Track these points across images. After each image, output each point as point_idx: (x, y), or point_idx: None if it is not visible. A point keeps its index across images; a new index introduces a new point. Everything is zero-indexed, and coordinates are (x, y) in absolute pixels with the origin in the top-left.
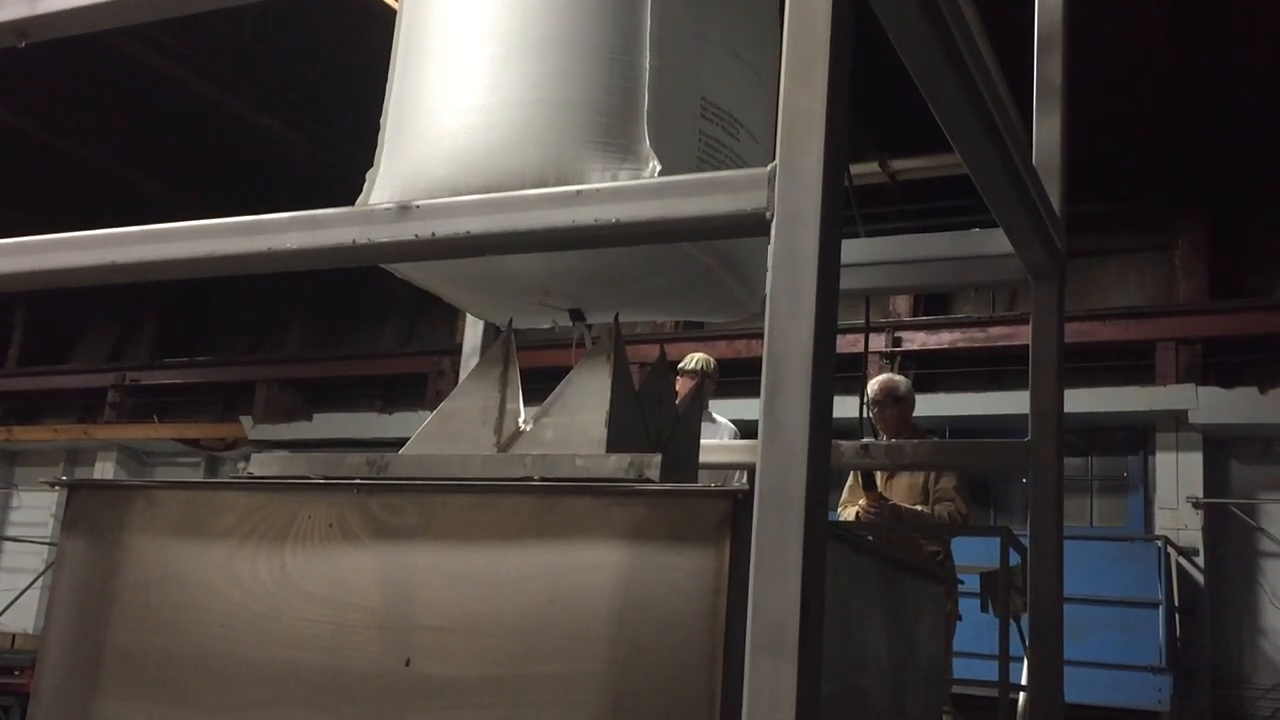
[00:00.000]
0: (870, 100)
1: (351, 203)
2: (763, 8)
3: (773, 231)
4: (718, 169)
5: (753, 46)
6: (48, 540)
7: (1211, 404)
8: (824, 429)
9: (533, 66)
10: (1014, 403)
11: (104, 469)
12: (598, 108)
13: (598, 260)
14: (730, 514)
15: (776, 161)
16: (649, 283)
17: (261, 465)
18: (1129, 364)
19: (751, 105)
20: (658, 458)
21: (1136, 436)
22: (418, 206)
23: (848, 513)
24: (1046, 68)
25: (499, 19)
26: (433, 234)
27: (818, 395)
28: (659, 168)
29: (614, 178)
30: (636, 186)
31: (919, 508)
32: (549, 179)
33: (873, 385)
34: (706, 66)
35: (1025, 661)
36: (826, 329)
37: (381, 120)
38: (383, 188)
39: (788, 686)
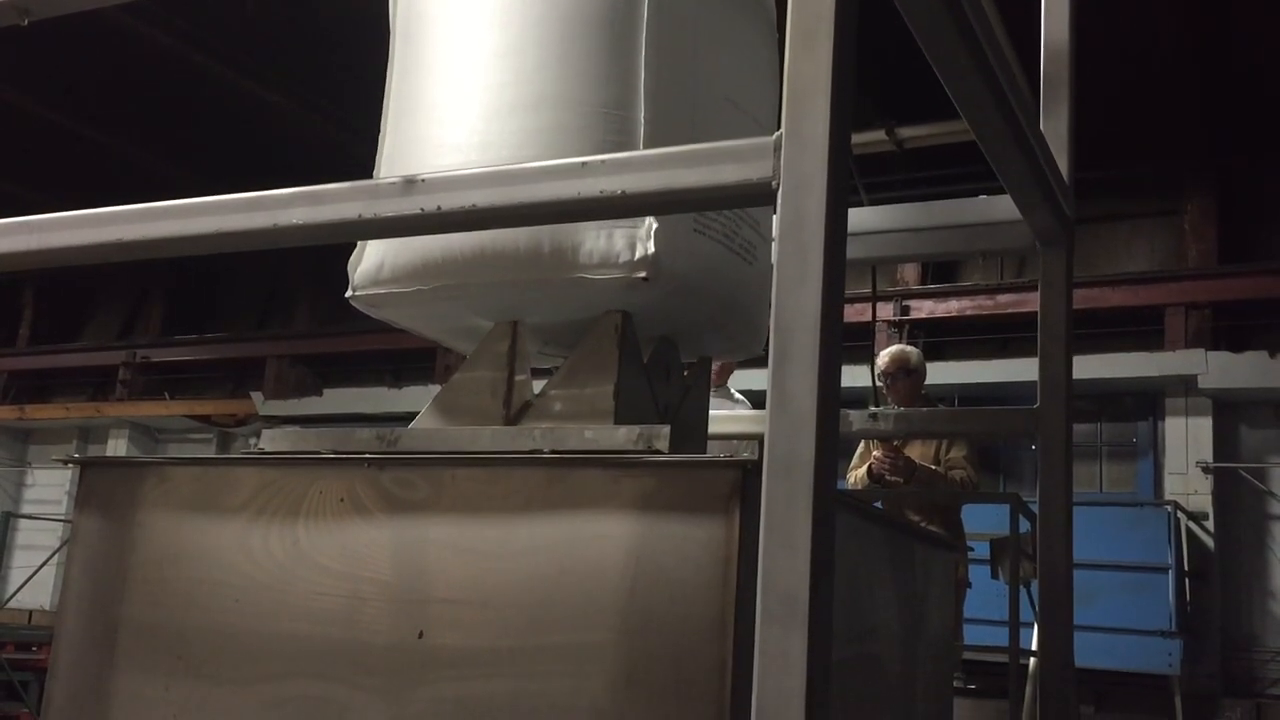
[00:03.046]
0: (876, 67)
1: (360, 179)
2: (759, 53)
3: (779, 200)
4: (715, 220)
5: (750, 91)
6: (62, 517)
7: (1221, 368)
8: (832, 397)
9: (526, 122)
10: (1023, 370)
11: (116, 446)
12: None
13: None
14: (739, 483)
15: (782, 130)
16: (651, 330)
17: (272, 441)
18: (1138, 329)
19: None
20: (666, 429)
21: (1146, 402)
22: (423, 180)
23: (859, 472)
24: (1054, 33)
25: (492, 72)
26: (438, 207)
27: (826, 363)
28: (655, 225)
29: (609, 236)
30: (641, 157)
31: (932, 467)
32: (542, 238)
33: (883, 357)
34: (702, 117)
35: (1035, 627)
36: (834, 297)
37: (374, 169)
38: (375, 243)
39: (798, 655)
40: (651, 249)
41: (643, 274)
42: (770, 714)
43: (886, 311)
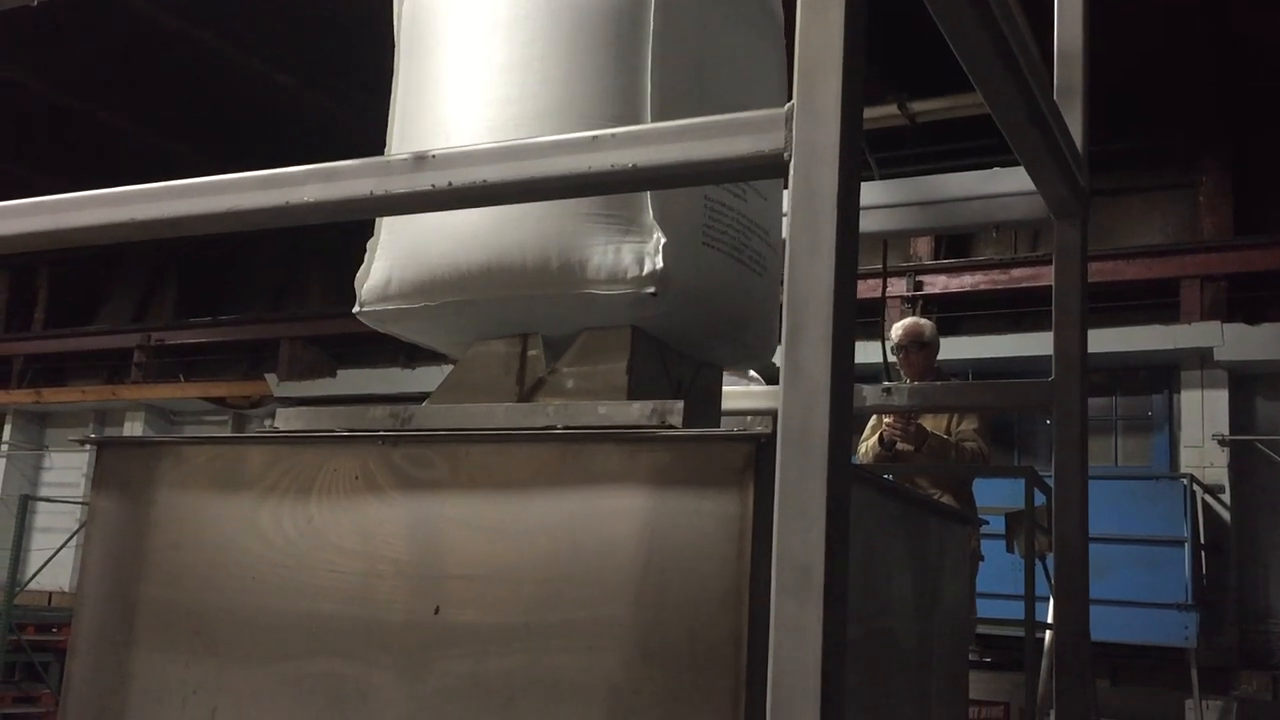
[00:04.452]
0: (887, 40)
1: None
2: (768, 65)
3: (791, 172)
4: (724, 233)
5: (759, 103)
6: (80, 500)
7: (1237, 340)
8: (846, 370)
9: (532, 136)
10: (1037, 344)
11: (132, 429)
12: None
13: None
14: (753, 458)
15: (794, 101)
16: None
17: (287, 420)
18: (1153, 302)
19: None
20: (680, 404)
21: (1161, 375)
22: (434, 156)
23: (870, 442)
24: (1068, 3)
25: (497, 87)
26: (450, 183)
27: (839, 336)
28: (664, 240)
29: (618, 249)
30: (652, 130)
31: (944, 436)
32: (550, 253)
33: (897, 329)
34: None
35: (1051, 600)
36: (847, 269)
37: None
38: (383, 260)
39: (814, 628)
40: (660, 264)
41: (651, 289)
42: (786, 686)
43: (900, 287)
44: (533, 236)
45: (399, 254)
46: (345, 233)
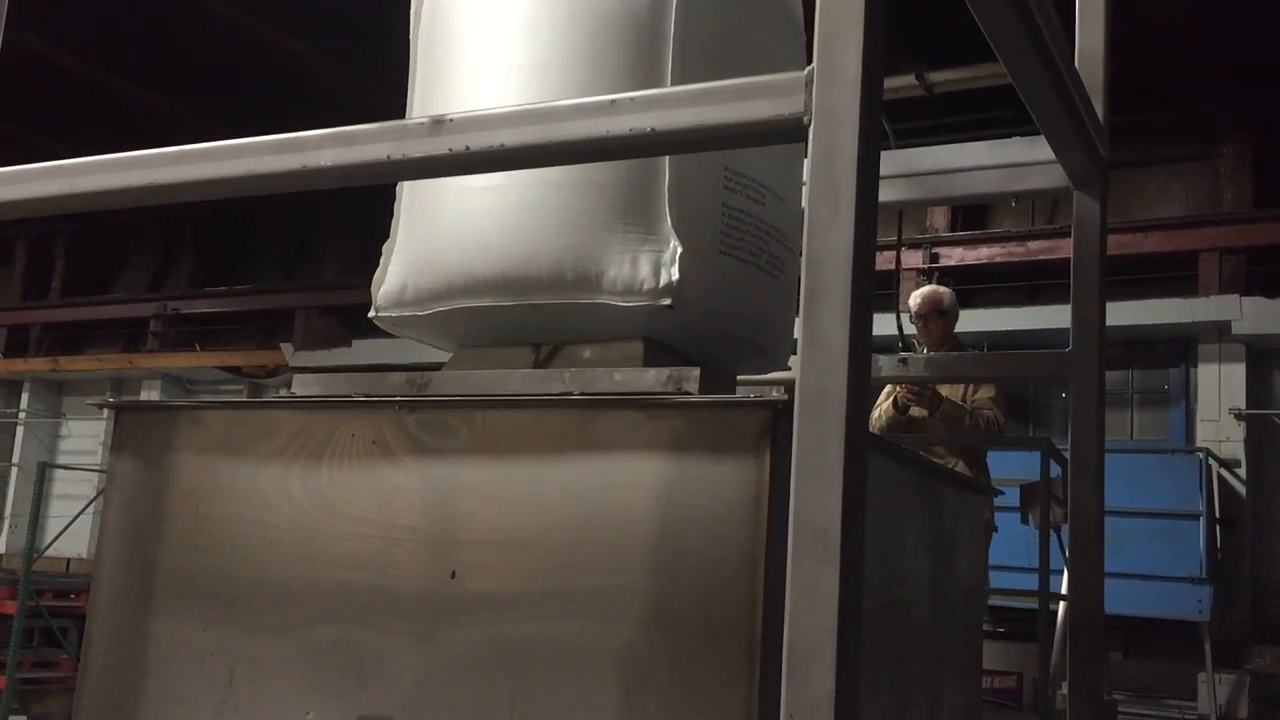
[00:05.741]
0: (906, 10)
1: None
2: (789, 69)
3: (810, 136)
4: (742, 240)
5: None
6: (97, 467)
7: (1255, 314)
8: (864, 335)
9: None
10: (1054, 317)
11: (149, 397)
12: (617, 188)
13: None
14: (770, 424)
15: (814, 64)
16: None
17: (304, 385)
18: (1171, 275)
19: (776, 164)
20: (696, 371)
21: (1178, 348)
22: (451, 120)
23: (884, 406)
24: None
25: (516, 88)
26: (467, 147)
27: (858, 301)
28: (680, 249)
29: (634, 260)
30: (671, 94)
31: (959, 402)
32: (566, 263)
33: (916, 297)
34: None
35: (1065, 572)
36: (866, 234)
37: (397, 189)
38: (398, 265)
39: (830, 592)
40: (676, 275)
41: (667, 301)
42: (802, 650)
43: (916, 259)
44: (548, 246)
45: (414, 260)
46: (361, 203)
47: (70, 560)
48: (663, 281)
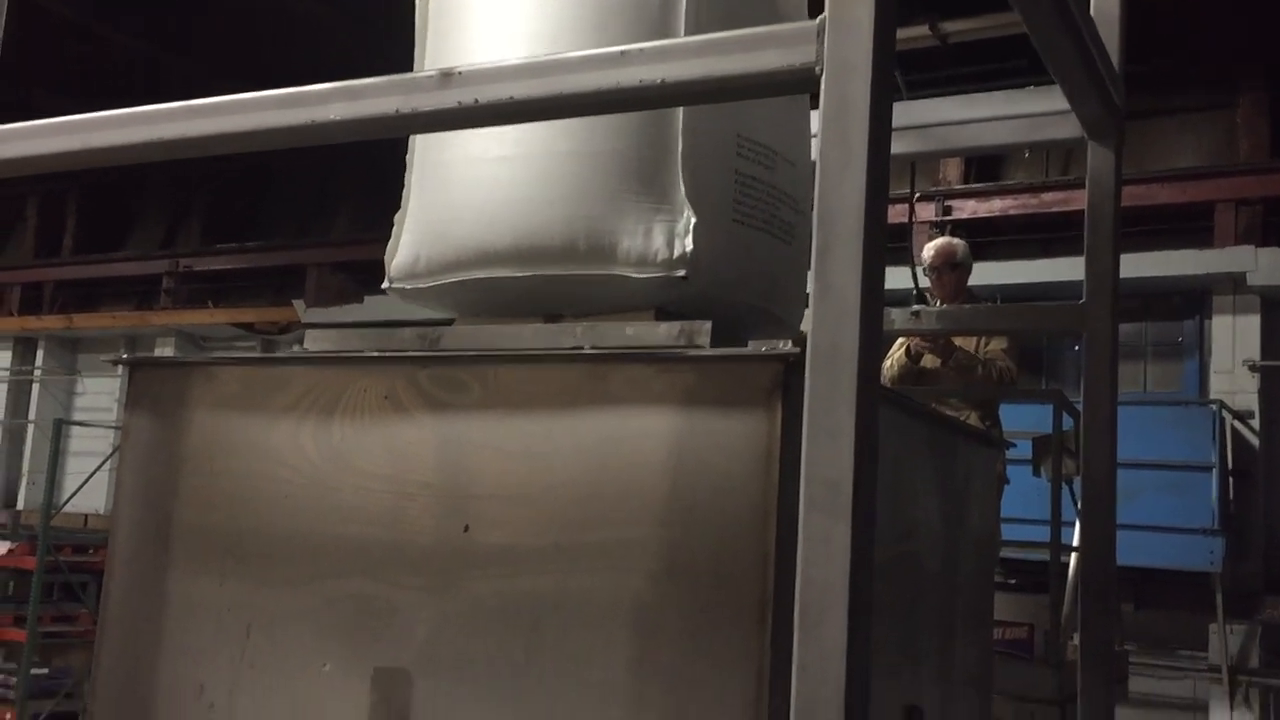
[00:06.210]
0: None
1: None
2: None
3: (822, 87)
4: (755, 207)
5: None
6: (113, 424)
7: (1271, 265)
8: (876, 287)
9: None
10: (1068, 270)
11: (163, 354)
12: (630, 157)
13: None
14: (781, 377)
15: (826, 14)
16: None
17: (316, 341)
18: (1186, 226)
19: (786, 129)
20: (708, 324)
21: (1193, 300)
22: (460, 73)
23: (896, 356)
24: None
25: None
26: (476, 100)
27: (870, 253)
28: (694, 218)
29: (647, 230)
30: (681, 45)
31: (971, 352)
32: (579, 234)
33: (928, 250)
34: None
35: (1076, 524)
36: (878, 184)
37: (407, 159)
38: (410, 236)
39: (842, 543)
40: (690, 246)
41: (681, 272)
42: (814, 601)
43: (928, 212)
44: (560, 216)
45: (426, 232)
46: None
47: (88, 516)
48: (677, 252)
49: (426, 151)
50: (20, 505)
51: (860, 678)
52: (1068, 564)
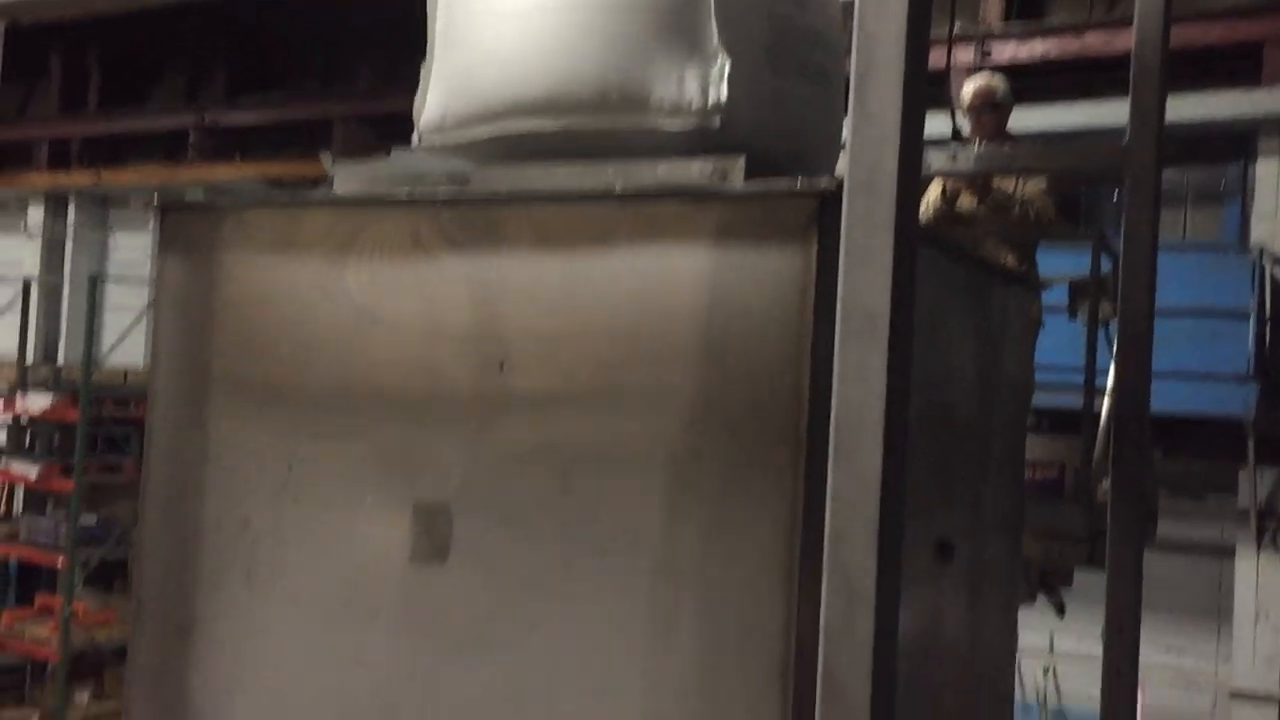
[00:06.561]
0: None
1: None
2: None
3: None
4: (790, 51)
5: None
6: (147, 279)
7: None
8: (916, 114)
9: None
10: (1111, 113)
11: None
12: (662, 4)
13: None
14: (816, 212)
15: None
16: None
17: (344, 181)
18: (1232, 67)
19: None
20: (741, 160)
21: (1236, 144)
22: None
23: (932, 196)
24: None
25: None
26: None
27: (910, 80)
28: (729, 65)
29: (680, 79)
30: None
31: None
32: (610, 83)
33: (967, 89)
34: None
35: (1111, 369)
36: (921, 9)
37: (430, 15)
38: (436, 89)
39: (878, 372)
40: (724, 94)
41: (715, 122)
42: (849, 431)
43: (966, 56)
44: (591, 65)
45: (454, 85)
46: (393, 11)
47: (127, 372)
48: (711, 100)
49: (451, 5)
50: (60, 361)
51: (894, 507)
52: (1100, 407)
